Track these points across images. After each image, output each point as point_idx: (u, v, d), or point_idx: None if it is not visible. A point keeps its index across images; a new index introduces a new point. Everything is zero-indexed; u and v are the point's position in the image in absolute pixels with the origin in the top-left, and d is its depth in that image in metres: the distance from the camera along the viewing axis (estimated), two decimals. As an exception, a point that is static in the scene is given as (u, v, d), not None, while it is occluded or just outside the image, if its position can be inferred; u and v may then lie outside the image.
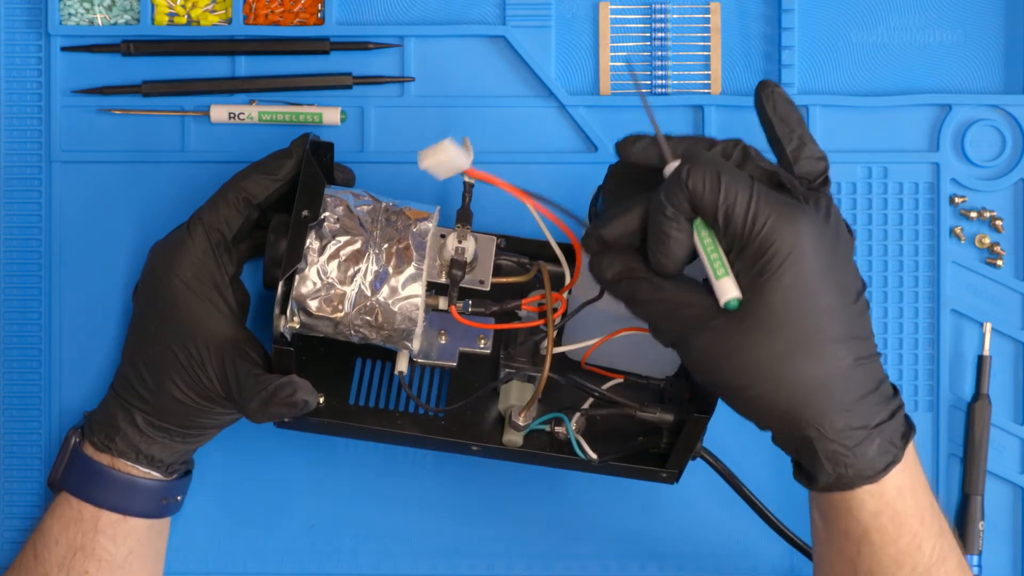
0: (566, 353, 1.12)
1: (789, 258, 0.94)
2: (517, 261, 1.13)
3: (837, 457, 0.97)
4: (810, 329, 0.95)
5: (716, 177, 0.95)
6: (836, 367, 0.96)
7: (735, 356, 0.95)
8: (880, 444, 0.97)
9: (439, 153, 0.99)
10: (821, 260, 0.95)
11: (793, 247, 0.94)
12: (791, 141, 1.01)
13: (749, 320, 0.95)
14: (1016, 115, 1.20)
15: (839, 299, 0.96)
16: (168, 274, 1.09)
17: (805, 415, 0.96)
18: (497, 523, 1.20)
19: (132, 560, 1.13)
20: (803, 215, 0.95)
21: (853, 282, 0.98)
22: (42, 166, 1.20)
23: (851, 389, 0.96)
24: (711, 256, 0.96)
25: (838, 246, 0.97)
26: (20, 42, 1.20)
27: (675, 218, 0.96)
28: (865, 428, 0.97)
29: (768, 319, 0.94)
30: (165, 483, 1.13)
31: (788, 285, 0.94)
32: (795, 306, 0.94)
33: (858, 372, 0.96)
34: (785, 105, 1.02)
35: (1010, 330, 1.20)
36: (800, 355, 0.95)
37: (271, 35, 1.19)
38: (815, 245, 0.95)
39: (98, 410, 1.13)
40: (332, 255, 1.05)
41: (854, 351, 0.96)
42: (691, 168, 0.95)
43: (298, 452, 1.20)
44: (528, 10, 1.20)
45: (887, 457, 0.98)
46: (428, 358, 1.12)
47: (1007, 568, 1.20)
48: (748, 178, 0.95)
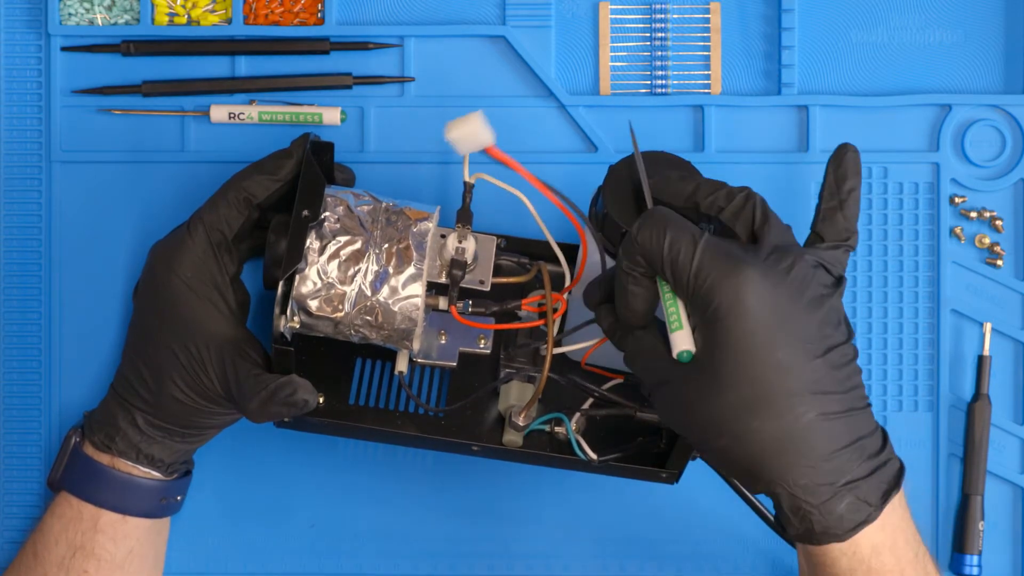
0: (566, 353, 1.12)
1: (732, 312, 0.94)
2: (517, 261, 1.13)
3: (802, 513, 0.96)
4: (765, 384, 0.94)
5: (662, 231, 0.95)
6: (795, 423, 0.94)
7: (693, 409, 0.96)
8: (851, 503, 0.95)
9: (468, 124, 0.99)
10: (770, 315, 0.94)
11: (736, 301, 0.94)
12: (832, 200, 1.02)
13: (703, 375, 0.95)
14: (1016, 115, 1.20)
15: (794, 353, 0.94)
16: (168, 274, 1.09)
17: (767, 470, 0.95)
18: (497, 523, 1.20)
19: (132, 560, 1.13)
20: (747, 270, 0.94)
21: (824, 335, 0.96)
22: (42, 166, 1.20)
23: (816, 445, 0.94)
24: (669, 310, 0.97)
25: (798, 301, 0.95)
26: (20, 42, 1.20)
27: (631, 271, 0.97)
28: (832, 485, 0.95)
29: (721, 373, 0.94)
30: (165, 483, 1.13)
31: (735, 339, 0.94)
32: (746, 360, 0.94)
33: (825, 427, 0.95)
34: (849, 169, 1.02)
35: (1010, 330, 1.20)
36: (754, 410, 0.94)
37: (271, 35, 1.19)
38: (761, 300, 0.94)
39: (98, 410, 1.13)
40: (332, 255, 1.05)
41: (819, 406, 0.94)
42: (642, 223, 0.96)
43: (298, 452, 1.20)
44: (528, 10, 1.20)
45: (858, 516, 0.96)
46: (428, 358, 1.12)
47: (1007, 568, 1.20)
48: (695, 232, 0.96)
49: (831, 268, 0.98)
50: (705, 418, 0.95)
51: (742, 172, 1.19)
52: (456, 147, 1.01)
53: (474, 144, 1.00)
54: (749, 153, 1.20)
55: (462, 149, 1.01)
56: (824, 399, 0.95)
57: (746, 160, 1.19)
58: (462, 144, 1.00)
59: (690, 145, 1.20)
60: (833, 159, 1.03)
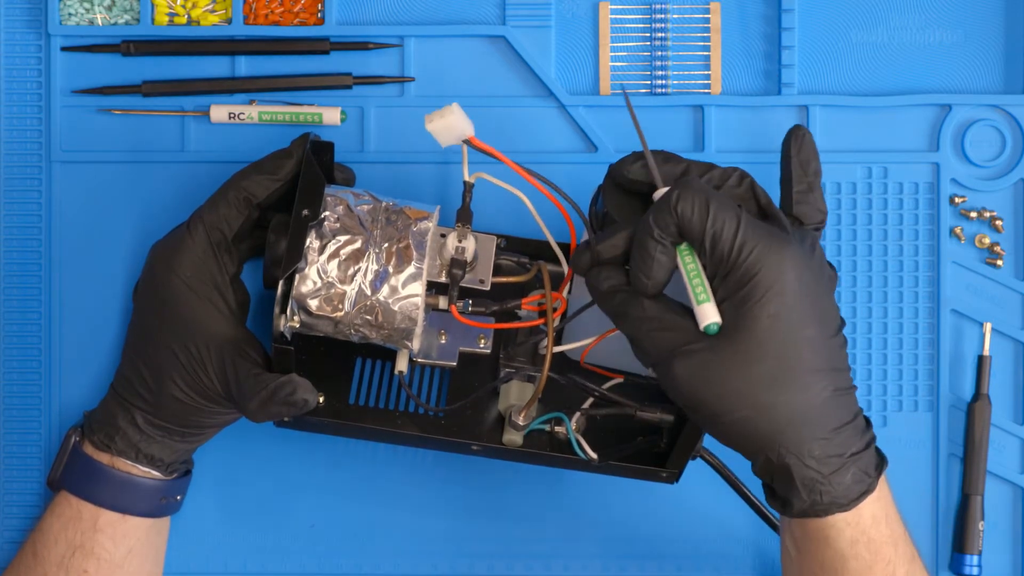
0: (566, 353, 1.12)
1: (774, 288, 0.95)
2: (517, 261, 1.13)
3: (813, 484, 0.98)
4: (793, 359, 0.96)
5: (705, 203, 0.96)
6: (817, 397, 0.97)
7: (717, 382, 0.96)
8: (855, 473, 0.99)
9: (446, 116, 1.00)
10: (805, 292, 0.96)
11: (778, 277, 0.95)
12: (801, 183, 1.03)
13: (732, 347, 0.96)
14: (1016, 115, 1.20)
15: (821, 331, 0.97)
16: (168, 273, 1.09)
17: (784, 442, 0.97)
18: (497, 523, 1.20)
19: (131, 559, 1.13)
20: (789, 246, 0.96)
21: (834, 316, 0.99)
22: (42, 166, 1.20)
23: (830, 418, 0.98)
24: (693, 281, 0.97)
25: (821, 281, 0.98)
26: (20, 42, 1.20)
27: (662, 240, 0.97)
28: (841, 456, 0.98)
29: (752, 347, 0.96)
30: (165, 482, 1.13)
31: (772, 314, 0.95)
32: (779, 335, 0.96)
33: (837, 402, 0.98)
34: (810, 152, 1.03)
35: (1010, 330, 1.20)
36: (782, 384, 0.96)
37: (271, 35, 1.19)
38: (799, 277, 0.96)
39: (98, 409, 1.13)
40: (332, 254, 1.05)
41: (834, 382, 0.98)
42: (681, 193, 0.96)
43: (298, 452, 1.19)
44: (528, 10, 1.20)
45: (862, 486, 0.99)
46: (428, 358, 1.12)
47: (1007, 568, 1.20)
48: (736, 207, 0.96)
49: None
50: (728, 390, 0.96)
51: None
52: (436, 138, 1.01)
53: (453, 135, 1.01)
54: (749, 153, 1.20)
55: (443, 140, 1.01)
56: (837, 375, 0.98)
57: (746, 160, 1.19)
58: (442, 135, 1.01)
59: (690, 145, 1.20)
60: (792, 142, 1.03)
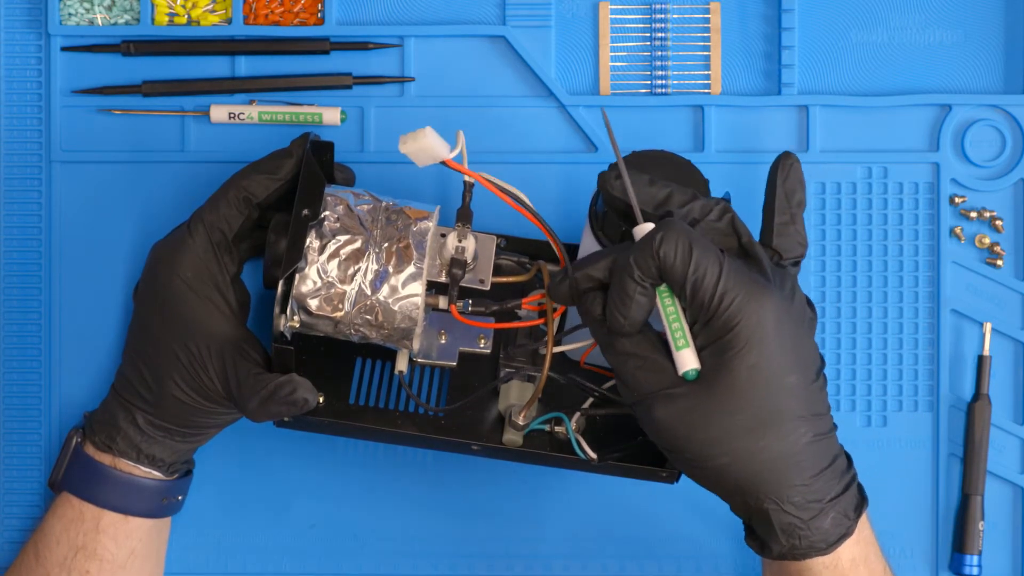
0: (566, 352, 1.12)
1: (754, 338, 0.95)
2: (517, 261, 1.13)
3: (792, 529, 0.99)
4: (773, 408, 0.96)
5: (688, 249, 0.95)
6: (796, 444, 0.97)
7: (697, 428, 0.97)
8: (835, 517, 0.99)
9: (419, 140, 1.00)
10: (785, 340, 0.96)
11: (758, 327, 0.95)
12: (784, 214, 1.02)
13: (713, 394, 0.96)
14: (1016, 115, 1.20)
15: (802, 378, 0.97)
16: (169, 273, 1.09)
17: (763, 488, 0.97)
18: (497, 523, 1.20)
19: (133, 560, 1.13)
20: (770, 296, 0.96)
21: (814, 359, 0.99)
22: (42, 166, 1.20)
23: (810, 465, 0.98)
24: (672, 325, 0.97)
25: (802, 325, 0.98)
26: (20, 42, 1.20)
27: (642, 282, 0.97)
28: (820, 502, 0.98)
29: (732, 395, 0.96)
30: (166, 483, 1.13)
31: (752, 364, 0.95)
32: (759, 385, 0.96)
33: (817, 448, 0.98)
34: (796, 181, 1.03)
35: (1010, 330, 1.20)
36: (761, 432, 0.96)
37: (271, 35, 1.19)
38: (779, 325, 0.96)
39: (99, 410, 1.13)
40: (332, 254, 1.05)
41: (814, 428, 0.98)
42: (664, 236, 0.96)
43: (298, 452, 1.19)
44: (528, 10, 1.20)
45: (840, 529, 0.99)
46: (428, 358, 1.12)
47: (1007, 568, 1.20)
48: (719, 253, 0.96)
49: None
50: (707, 437, 0.97)
51: (742, 172, 1.19)
52: (412, 159, 1.00)
53: (428, 157, 1.00)
54: (749, 153, 1.20)
55: (419, 162, 1.01)
56: (817, 420, 0.98)
57: (746, 160, 1.19)
58: (417, 157, 1.00)
59: (690, 145, 1.20)
60: (780, 170, 1.03)
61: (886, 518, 1.19)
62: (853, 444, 1.18)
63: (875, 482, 1.19)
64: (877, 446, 1.19)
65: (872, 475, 1.18)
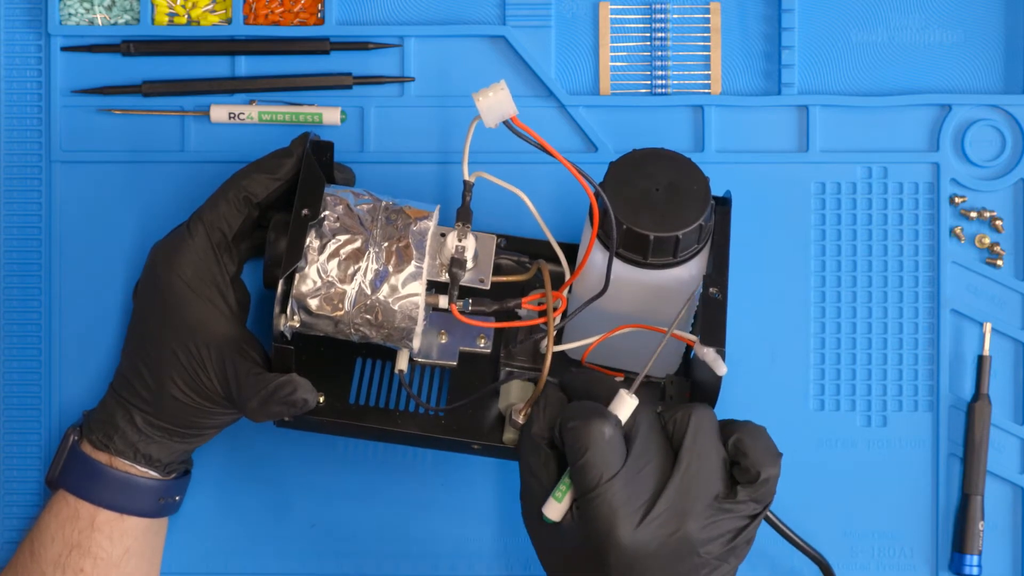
0: (566, 352, 1.12)
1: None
2: (517, 260, 1.13)
3: None
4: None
5: (584, 446, 0.98)
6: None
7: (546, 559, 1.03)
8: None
9: (498, 93, 0.99)
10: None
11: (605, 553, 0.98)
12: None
13: (565, 543, 1.01)
14: (1016, 115, 1.20)
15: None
16: (169, 273, 1.09)
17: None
18: (497, 523, 1.20)
19: (128, 559, 1.12)
20: (617, 541, 0.98)
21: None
22: (42, 166, 1.20)
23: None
24: (563, 481, 1.00)
25: (675, 566, 0.99)
26: (20, 42, 1.20)
27: (540, 442, 1.02)
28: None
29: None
30: (163, 483, 1.13)
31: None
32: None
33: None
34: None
35: (1010, 330, 1.20)
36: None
37: (271, 35, 1.19)
38: (625, 564, 0.98)
39: (97, 409, 1.13)
40: (332, 254, 1.05)
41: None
42: (576, 428, 0.99)
43: (298, 452, 1.19)
44: (528, 10, 1.20)
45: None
46: (428, 357, 1.12)
47: (1007, 568, 1.20)
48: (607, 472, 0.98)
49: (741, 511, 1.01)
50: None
51: (742, 172, 1.19)
52: (483, 118, 1.00)
53: (498, 115, 1.00)
54: (749, 153, 1.20)
55: (489, 120, 1.00)
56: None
57: (746, 160, 1.19)
58: (489, 114, 1.00)
59: (690, 145, 1.20)
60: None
61: (886, 518, 1.19)
62: (853, 444, 1.18)
63: (875, 482, 1.19)
64: (877, 446, 1.19)
65: (872, 475, 1.19)
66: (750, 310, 1.18)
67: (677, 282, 1.04)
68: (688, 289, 1.05)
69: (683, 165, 1.04)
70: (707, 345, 1.01)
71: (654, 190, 1.03)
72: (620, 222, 1.01)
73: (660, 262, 1.03)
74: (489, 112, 1.00)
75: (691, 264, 1.04)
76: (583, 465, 0.97)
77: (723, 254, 1.06)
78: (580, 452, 0.98)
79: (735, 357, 1.16)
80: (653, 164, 1.03)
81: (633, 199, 1.02)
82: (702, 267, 1.05)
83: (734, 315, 1.07)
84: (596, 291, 1.04)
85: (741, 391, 1.18)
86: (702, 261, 1.05)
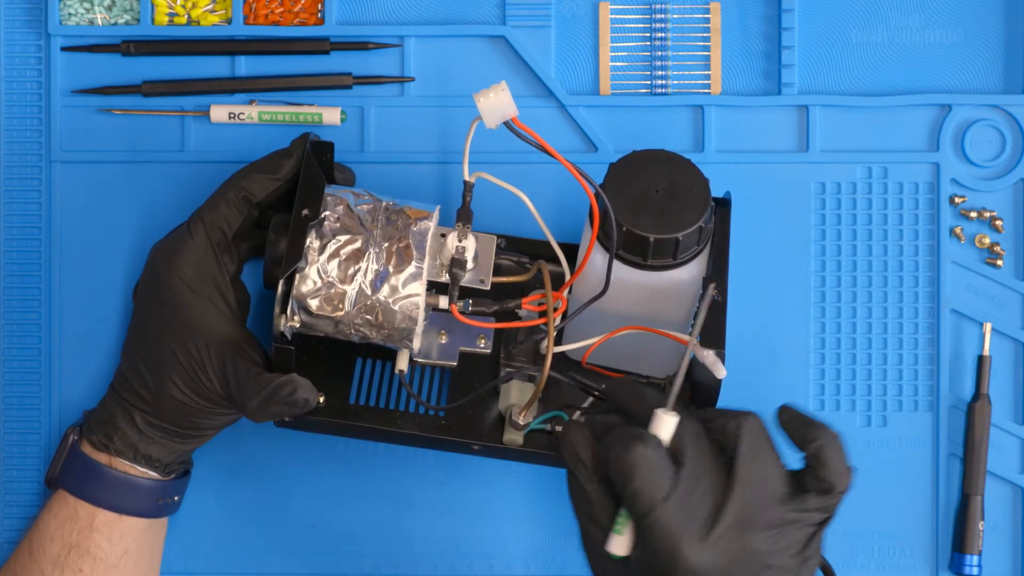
0: (566, 352, 1.12)
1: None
2: (517, 260, 1.13)
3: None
4: None
5: (631, 474, 0.95)
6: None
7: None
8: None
9: (499, 93, 0.99)
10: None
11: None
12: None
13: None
14: (1016, 115, 1.20)
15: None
16: (169, 273, 1.09)
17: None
18: (497, 523, 1.20)
19: (127, 559, 1.12)
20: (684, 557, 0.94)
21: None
22: (42, 166, 1.20)
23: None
24: (621, 514, 0.97)
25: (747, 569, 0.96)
26: (20, 42, 1.20)
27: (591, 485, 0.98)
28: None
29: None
30: (162, 483, 1.13)
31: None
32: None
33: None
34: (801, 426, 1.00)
35: (1010, 330, 1.20)
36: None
37: (271, 35, 1.19)
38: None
39: (97, 409, 1.13)
40: (332, 254, 1.05)
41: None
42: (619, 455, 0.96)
43: (298, 452, 1.19)
44: (528, 10, 1.20)
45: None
46: (428, 357, 1.12)
47: (1007, 568, 1.20)
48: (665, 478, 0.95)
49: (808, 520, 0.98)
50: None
51: (742, 172, 1.19)
52: (484, 118, 1.00)
53: (499, 116, 1.00)
54: (749, 153, 1.20)
55: (489, 120, 1.00)
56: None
57: (746, 160, 1.19)
58: (489, 115, 1.00)
59: (690, 145, 1.20)
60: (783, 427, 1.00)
61: (886, 518, 1.19)
62: (853, 444, 1.18)
63: (875, 482, 1.19)
64: (877, 446, 1.19)
65: (872, 475, 1.19)
66: (750, 310, 1.18)
67: (677, 283, 1.04)
68: (688, 290, 1.05)
69: (683, 167, 1.04)
70: (707, 348, 1.00)
71: (654, 191, 1.03)
72: (620, 223, 1.01)
73: (660, 263, 1.03)
74: (490, 113, 1.00)
75: (691, 265, 1.04)
76: (633, 492, 0.94)
77: (723, 256, 1.06)
78: (627, 479, 0.94)
79: (735, 357, 1.16)
80: (653, 165, 1.03)
81: (633, 200, 1.02)
82: (702, 268, 1.05)
83: (734, 315, 1.07)
84: (596, 292, 1.04)
85: (741, 391, 1.17)
86: (702, 262, 1.05)
